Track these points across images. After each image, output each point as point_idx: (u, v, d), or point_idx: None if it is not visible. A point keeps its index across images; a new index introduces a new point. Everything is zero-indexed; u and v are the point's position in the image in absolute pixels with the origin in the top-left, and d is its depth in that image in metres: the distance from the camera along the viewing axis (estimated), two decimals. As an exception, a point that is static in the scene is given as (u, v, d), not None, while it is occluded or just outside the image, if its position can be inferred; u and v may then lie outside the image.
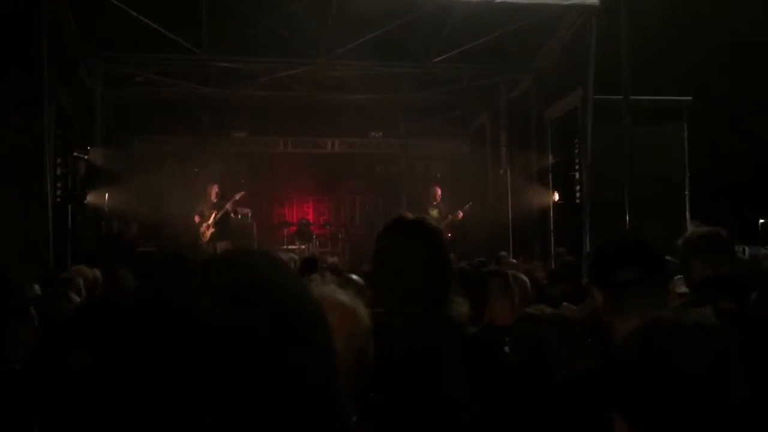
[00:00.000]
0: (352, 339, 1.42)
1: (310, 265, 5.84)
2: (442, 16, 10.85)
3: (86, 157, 11.92)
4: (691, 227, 11.38)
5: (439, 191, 13.08)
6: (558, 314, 2.71)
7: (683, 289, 3.36)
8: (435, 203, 12.98)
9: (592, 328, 2.82)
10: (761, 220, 12.16)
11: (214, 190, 12.06)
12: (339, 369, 0.70)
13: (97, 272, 5.30)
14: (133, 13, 10.16)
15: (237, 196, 12.45)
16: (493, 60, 12.39)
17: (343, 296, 1.51)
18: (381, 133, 15.35)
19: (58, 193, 10.62)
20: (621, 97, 10.18)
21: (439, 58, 12.07)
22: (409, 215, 2.19)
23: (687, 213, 11.61)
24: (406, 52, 11.98)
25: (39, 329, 2.81)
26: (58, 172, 10.69)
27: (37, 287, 4.91)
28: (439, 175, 15.23)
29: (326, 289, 1.50)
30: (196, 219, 11.91)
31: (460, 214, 12.78)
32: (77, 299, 4.52)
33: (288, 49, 11.52)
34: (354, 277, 3.45)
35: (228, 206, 12.15)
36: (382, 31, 10.98)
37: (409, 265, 2.01)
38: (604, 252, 2.00)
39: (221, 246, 11.69)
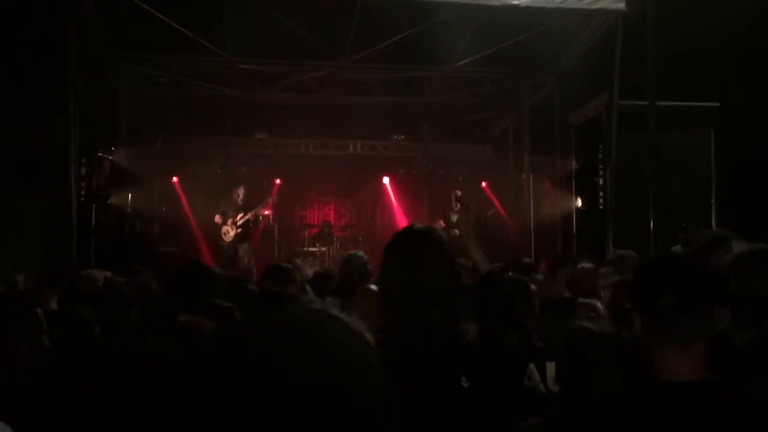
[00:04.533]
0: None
1: (279, 276, 4.54)
2: (465, 20, 10.78)
3: (110, 157, 12.03)
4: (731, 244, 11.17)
5: (460, 195, 12.96)
6: (612, 335, 2.61)
7: None
8: (456, 209, 12.89)
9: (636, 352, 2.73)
10: (790, 229, 11.91)
11: (240, 192, 12.09)
12: None
13: (107, 275, 5.28)
14: (158, 14, 10.22)
15: (270, 200, 12.55)
16: (516, 64, 12.30)
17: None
18: (403, 136, 15.31)
19: (82, 192, 10.72)
20: (647, 102, 10.05)
21: (463, 62, 12.00)
22: (419, 226, 2.13)
23: (713, 221, 11.41)
24: (430, 55, 11.93)
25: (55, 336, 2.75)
26: (83, 172, 10.80)
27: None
28: (461, 179, 15.14)
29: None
30: (217, 219, 11.95)
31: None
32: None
33: (311, 51, 11.54)
34: (372, 287, 3.40)
35: (258, 210, 12.16)
36: (405, 34, 10.95)
37: (414, 278, 1.95)
38: (644, 275, 1.88)
39: (242, 248, 11.74)
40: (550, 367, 3.05)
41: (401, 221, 14.44)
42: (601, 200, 11.50)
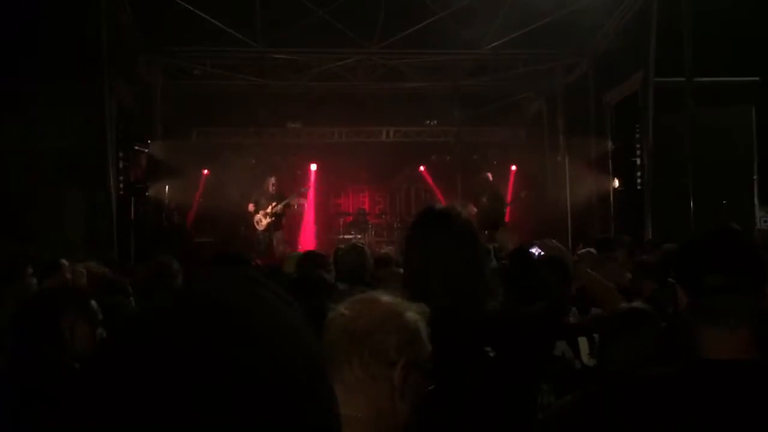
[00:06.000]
0: (401, 339, 1.40)
1: (316, 260, 4.64)
2: (495, 1, 10.65)
3: (147, 150, 12.20)
4: (760, 213, 10.93)
5: (491, 178, 12.85)
6: (647, 313, 2.56)
7: None
8: (488, 190, 12.77)
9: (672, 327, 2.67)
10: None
11: (271, 182, 12.19)
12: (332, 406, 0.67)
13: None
14: (190, 7, 10.32)
15: (303, 190, 12.63)
16: (549, 44, 12.12)
17: (388, 298, 1.48)
18: (436, 122, 15.24)
19: (121, 186, 10.91)
20: (684, 79, 9.83)
21: (494, 44, 11.87)
22: (438, 206, 2.16)
23: (755, 198, 11.15)
24: (460, 38, 11.83)
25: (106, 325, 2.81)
26: (121, 165, 10.98)
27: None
28: (495, 163, 15.02)
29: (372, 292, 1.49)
30: (250, 207, 12.07)
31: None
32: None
33: (341, 39, 11.53)
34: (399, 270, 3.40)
35: (291, 200, 12.27)
36: (434, 18, 10.87)
37: (436, 257, 1.97)
38: (690, 251, 1.79)
39: (276, 236, 11.84)
40: (582, 342, 3.04)
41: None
42: (639, 180, 11.31)
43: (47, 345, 2.51)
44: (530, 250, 2.93)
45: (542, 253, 2.92)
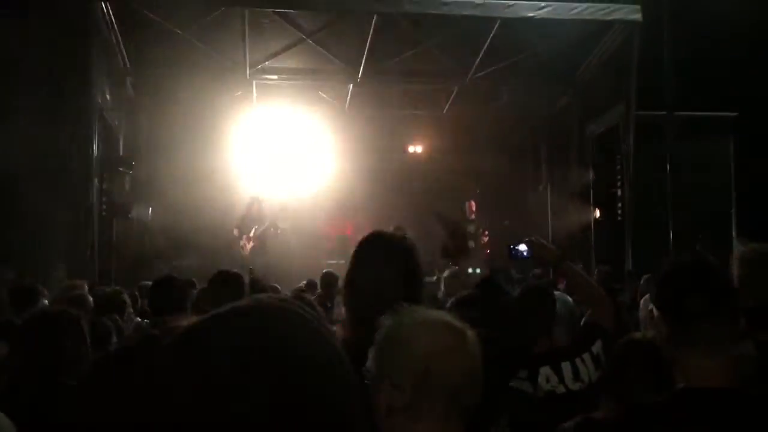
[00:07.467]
0: (465, 360, 1.43)
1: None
2: (481, 32, 10.83)
3: (131, 171, 12.14)
4: (736, 244, 11.09)
5: (473, 206, 12.96)
6: (649, 341, 2.59)
7: None
8: (471, 218, 12.90)
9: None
10: (811, 239, 11.76)
11: (255, 204, 12.16)
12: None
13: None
14: (178, 31, 10.39)
15: (278, 210, 12.57)
16: (533, 75, 12.30)
17: (450, 318, 1.51)
18: (420, 149, 15.32)
19: (104, 206, 10.82)
20: (664, 112, 10.02)
21: (479, 74, 12.03)
22: (384, 232, 2.19)
23: (733, 230, 11.32)
24: (446, 67, 11.98)
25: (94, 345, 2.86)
26: (104, 185, 10.91)
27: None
28: (478, 191, 15.10)
29: (434, 313, 1.51)
30: (235, 232, 12.02)
31: (485, 238, 12.69)
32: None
33: (328, 65, 11.64)
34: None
35: (268, 221, 12.22)
36: (420, 47, 11.02)
37: (374, 282, 2.00)
38: (672, 278, 1.84)
39: (260, 260, 11.78)
40: (566, 367, 3.07)
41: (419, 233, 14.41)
42: (620, 211, 11.44)
43: (49, 364, 2.56)
44: (518, 247, 3.02)
45: (529, 251, 3.01)
